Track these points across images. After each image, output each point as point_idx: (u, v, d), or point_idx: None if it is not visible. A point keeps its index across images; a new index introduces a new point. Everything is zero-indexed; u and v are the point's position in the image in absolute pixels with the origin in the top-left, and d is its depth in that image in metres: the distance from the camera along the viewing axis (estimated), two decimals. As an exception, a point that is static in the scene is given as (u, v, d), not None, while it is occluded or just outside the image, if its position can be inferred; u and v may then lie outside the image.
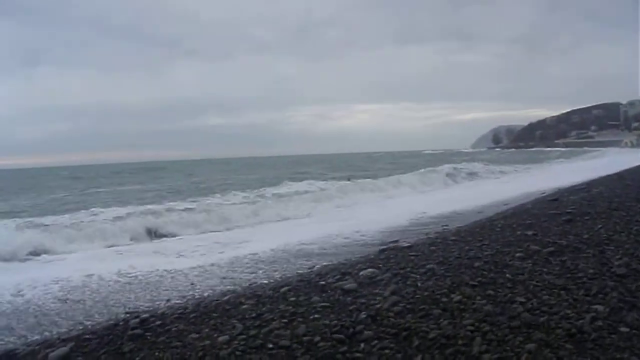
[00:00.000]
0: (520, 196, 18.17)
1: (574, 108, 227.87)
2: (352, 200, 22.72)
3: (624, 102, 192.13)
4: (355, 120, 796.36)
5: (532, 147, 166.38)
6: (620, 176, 19.84)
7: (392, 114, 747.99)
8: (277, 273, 8.80)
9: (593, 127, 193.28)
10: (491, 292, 5.27)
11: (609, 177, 20.08)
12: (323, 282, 6.52)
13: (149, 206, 19.80)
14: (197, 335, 5.06)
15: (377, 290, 5.83)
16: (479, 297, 5.13)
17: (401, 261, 7.33)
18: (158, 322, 5.63)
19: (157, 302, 7.41)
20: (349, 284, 6.18)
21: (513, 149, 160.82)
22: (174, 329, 5.40)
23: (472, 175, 35.38)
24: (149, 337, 5.23)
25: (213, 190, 29.40)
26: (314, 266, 8.86)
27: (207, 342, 4.81)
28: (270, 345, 4.51)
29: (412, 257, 7.52)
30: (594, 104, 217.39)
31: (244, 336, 4.80)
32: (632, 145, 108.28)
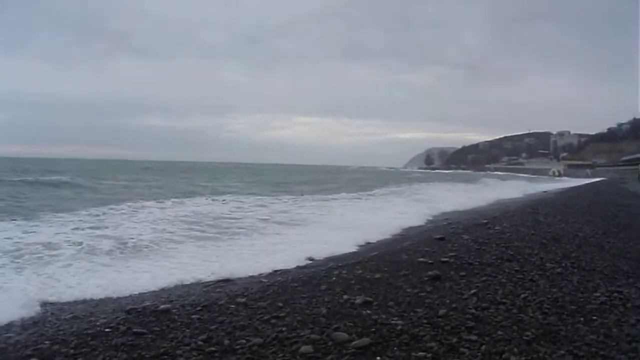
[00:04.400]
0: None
1: (507, 135, 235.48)
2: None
3: (554, 132, 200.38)
4: (294, 132, 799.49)
5: (463, 169, 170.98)
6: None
7: (331, 128, 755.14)
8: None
9: (524, 154, 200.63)
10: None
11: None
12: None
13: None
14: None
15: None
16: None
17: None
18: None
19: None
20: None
21: (446, 170, 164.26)
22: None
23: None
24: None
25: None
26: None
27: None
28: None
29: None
30: (527, 132, 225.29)
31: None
32: (559, 175, 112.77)
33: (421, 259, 9.21)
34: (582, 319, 5.88)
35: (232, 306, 6.48)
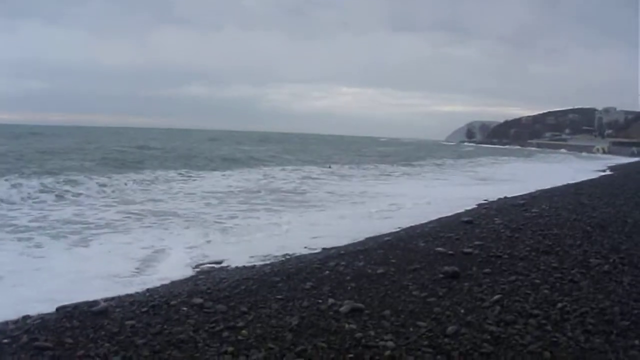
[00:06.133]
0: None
1: (551, 110, 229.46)
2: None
3: (599, 108, 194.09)
4: (335, 102, 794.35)
5: (505, 144, 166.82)
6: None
7: (373, 99, 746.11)
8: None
9: (567, 130, 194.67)
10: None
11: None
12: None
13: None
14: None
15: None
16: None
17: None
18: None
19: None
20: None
21: (487, 145, 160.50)
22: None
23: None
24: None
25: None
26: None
27: None
28: None
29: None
30: (571, 107, 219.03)
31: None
32: (603, 152, 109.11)
33: (440, 249, 7.74)
34: (638, 341, 4.33)
35: (184, 309, 5.12)
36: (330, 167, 32.31)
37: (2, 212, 12.65)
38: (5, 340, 4.40)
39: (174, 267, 7.81)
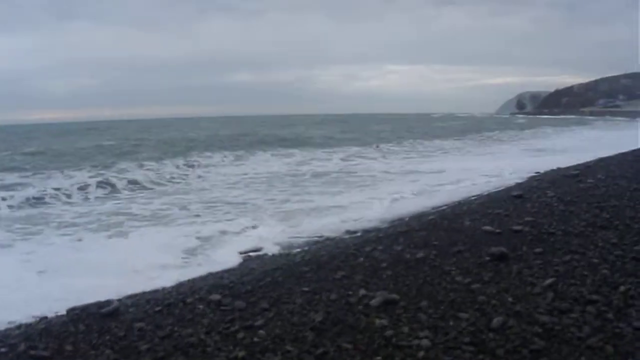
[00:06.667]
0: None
1: (603, 76, 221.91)
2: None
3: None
4: (384, 81, 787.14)
5: (556, 114, 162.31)
6: None
7: (423, 75, 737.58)
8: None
9: (621, 97, 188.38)
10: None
11: None
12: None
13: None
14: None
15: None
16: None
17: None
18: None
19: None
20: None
21: (538, 116, 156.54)
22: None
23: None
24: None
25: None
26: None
27: None
28: None
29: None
30: (624, 72, 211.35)
31: None
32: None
33: (487, 227, 7.09)
34: None
35: (200, 307, 4.70)
36: (378, 146, 31.71)
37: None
38: (3, 350, 4.03)
39: (221, 255, 7.69)
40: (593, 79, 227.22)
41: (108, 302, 4.97)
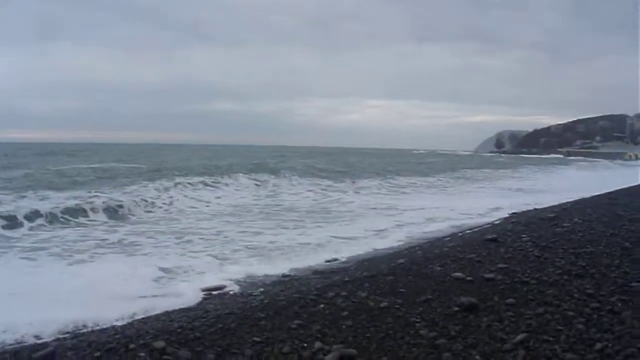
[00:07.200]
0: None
1: (581, 117, 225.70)
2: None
3: (631, 114, 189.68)
4: (364, 115, 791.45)
5: (534, 153, 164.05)
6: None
7: (403, 111, 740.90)
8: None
9: (598, 138, 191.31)
10: None
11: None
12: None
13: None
14: None
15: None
16: None
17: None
18: None
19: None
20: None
21: (516, 155, 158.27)
22: None
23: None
24: None
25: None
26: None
27: None
28: None
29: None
30: (601, 114, 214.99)
31: None
32: (636, 158, 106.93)
33: (457, 274, 6.74)
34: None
35: (142, 354, 4.36)
36: (354, 182, 31.35)
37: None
38: None
39: (183, 289, 7.42)
40: (571, 119, 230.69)
41: (44, 345, 4.53)
